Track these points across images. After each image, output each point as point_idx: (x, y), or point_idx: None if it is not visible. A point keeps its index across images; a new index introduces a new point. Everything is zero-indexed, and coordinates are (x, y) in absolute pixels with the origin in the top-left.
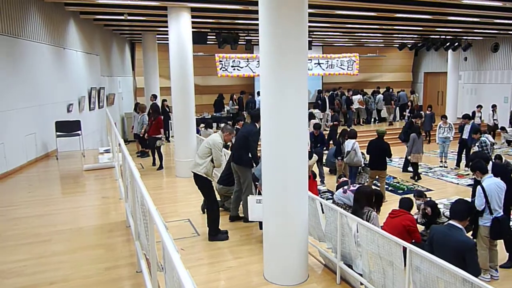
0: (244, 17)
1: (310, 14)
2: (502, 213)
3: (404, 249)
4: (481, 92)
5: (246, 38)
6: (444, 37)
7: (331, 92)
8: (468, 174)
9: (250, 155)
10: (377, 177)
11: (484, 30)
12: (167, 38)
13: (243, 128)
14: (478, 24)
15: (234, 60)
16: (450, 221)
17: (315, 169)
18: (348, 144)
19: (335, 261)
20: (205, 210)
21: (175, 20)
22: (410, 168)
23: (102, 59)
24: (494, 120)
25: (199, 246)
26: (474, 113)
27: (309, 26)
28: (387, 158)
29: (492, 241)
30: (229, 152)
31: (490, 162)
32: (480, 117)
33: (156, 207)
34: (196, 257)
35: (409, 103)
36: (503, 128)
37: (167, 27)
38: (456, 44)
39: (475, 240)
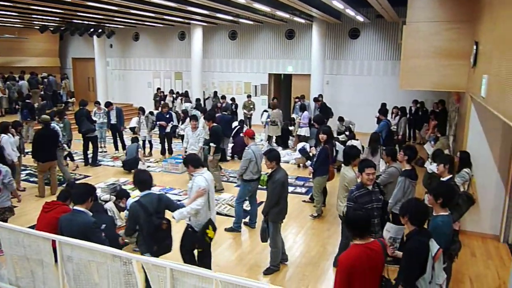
0: None
1: None
2: None
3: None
4: (128, 78)
5: None
6: (87, 22)
7: None
8: (120, 156)
9: None
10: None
11: (124, 19)
12: None
13: None
14: (117, 12)
15: None
16: (75, 207)
17: None
18: None
19: None
20: None
21: None
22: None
23: None
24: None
25: None
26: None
27: None
28: None
29: None
30: None
31: None
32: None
33: None
34: None
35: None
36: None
37: None
38: (100, 30)
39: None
